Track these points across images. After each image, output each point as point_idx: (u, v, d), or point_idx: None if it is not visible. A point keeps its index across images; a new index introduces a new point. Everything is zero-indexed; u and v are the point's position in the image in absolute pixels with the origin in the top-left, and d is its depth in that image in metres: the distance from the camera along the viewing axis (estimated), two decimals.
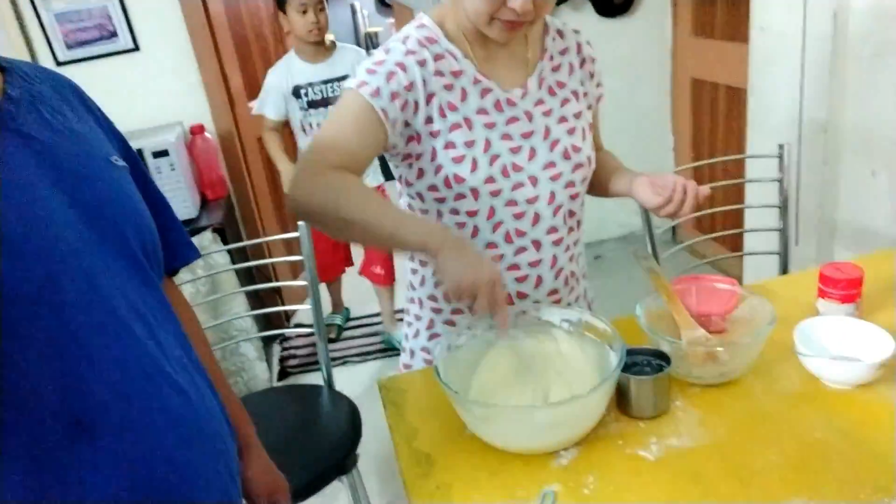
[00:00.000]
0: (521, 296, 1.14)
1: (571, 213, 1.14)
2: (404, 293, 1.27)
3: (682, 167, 1.98)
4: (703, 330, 1.05)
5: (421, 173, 1.07)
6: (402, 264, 1.26)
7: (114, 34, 2.44)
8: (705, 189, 1.06)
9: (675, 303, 1.09)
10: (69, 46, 2.42)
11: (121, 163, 0.76)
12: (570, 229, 1.15)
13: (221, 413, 0.81)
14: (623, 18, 3.02)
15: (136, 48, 2.48)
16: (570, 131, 1.12)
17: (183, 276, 2.20)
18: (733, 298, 1.11)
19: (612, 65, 3.03)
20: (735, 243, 2.65)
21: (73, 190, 0.66)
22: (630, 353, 0.97)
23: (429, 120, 1.04)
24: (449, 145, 1.04)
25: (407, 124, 1.03)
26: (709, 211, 1.84)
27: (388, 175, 2.18)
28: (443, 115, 1.04)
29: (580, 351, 0.99)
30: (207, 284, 2.31)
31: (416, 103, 1.03)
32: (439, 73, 1.04)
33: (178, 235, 0.88)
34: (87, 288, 0.64)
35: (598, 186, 1.23)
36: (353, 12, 5.01)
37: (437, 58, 1.04)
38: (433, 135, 1.04)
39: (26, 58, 2.40)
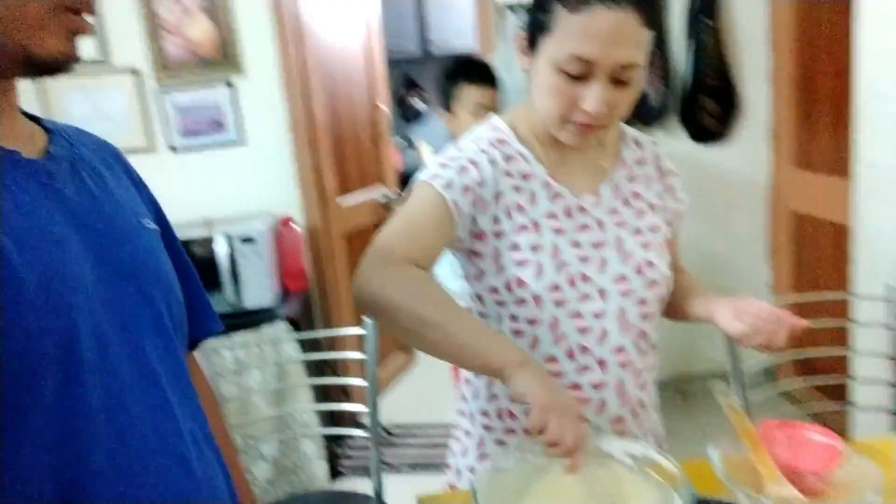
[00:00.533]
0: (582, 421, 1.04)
1: (643, 335, 1.05)
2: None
3: (779, 302, 1.83)
4: (793, 488, 0.90)
5: (482, 274, 1.03)
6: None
7: (223, 127, 2.62)
8: (802, 321, 0.94)
9: (759, 451, 0.95)
10: (183, 135, 2.62)
11: (152, 226, 0.77)
12: (642, 352, 1.05)
13: (230, 496, 0.77)
14: (718, 145, 2.96)
15: (241, 141, 2.65)
16: (646, 245, 1.05)
17: (251, 361, 2.21)
18: (833, 455, 0.96)
19: (704, 192, 2.96)
20: (840, 393, 2.40)
21: (102, 250, 0.67)
22: (700, 503, 0.84)
23: (496, 220, 1.01)
24: (514, 247, 1.00)
25: (475, 221, 1.01)
26: (810, 352, 1.67)
27: None
28: (510, 216, 1.01)
29: (642, 491, 0.87)
30: (275, 374, 2.31)
31: (486, 201, 1.00)
32: (508, 175, 1.02)
33: (203, 306, 0.88)
34: (101, 349, 0.63)
35: (675, 308, 1.13)
36: None
37: (508, 159, 1.03)
38: (498, 235, 1.01)
39: (144, 143, 2.61)
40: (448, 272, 1.13)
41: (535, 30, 0.95)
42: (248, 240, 2.27)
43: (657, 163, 1.12)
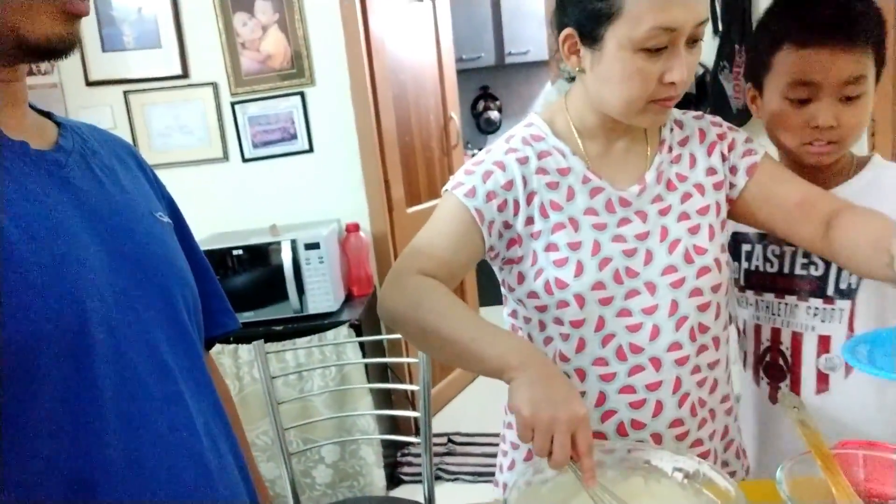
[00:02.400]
0: (637, 425, 0.96)
1: (703, 328, 0.97)
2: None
3: None
4: None
5: (521, 278, 0.98)
6: None
7: (294, 136, 2.69)
8: None
9: (833, 472, 0.84)
10: (255, 145, 2.70)
11: (165, 219, 0.76)
12: (703, 347, 0.97)
13: (246, 493, 0.75)
14: None
15: (311, 150, 2.70)
16: (693, 230, 0.97)
17: (313, 365, 2.23)
18: None
19: None
20: None
21: (114, 241, 0.66)
22: None
23: (529, 220, 0.96)
24: (551, 247, 0.95)
25: (507, 226, 0.96)
26: None
27: None
28: (545, 214, 0.96)
29: None
30: (337, 378, 2.32)
31: (517, 203, 0.96)
32: (542, 171, 0.97)
33: (219, 302, 0.87)
34: (112, 339, 0.62)
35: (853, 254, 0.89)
36: None
37: (542, 155, 0.98)
38: (534, 236, 0.96)
39: (220, 154, 2.71)
40: None
41: (595, 21, 0.88)
42: (312, 245, 2.30)
43: (703, 138, 1.02)
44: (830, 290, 1.07)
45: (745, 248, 1.16)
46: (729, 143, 1.02)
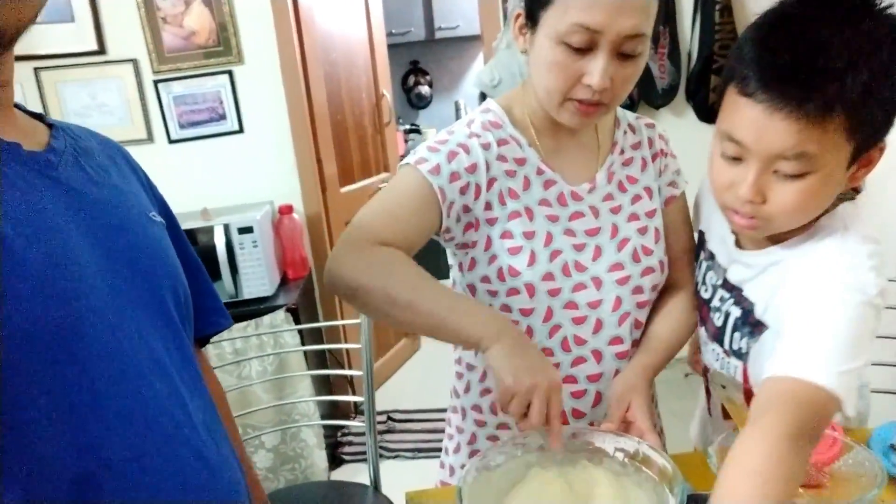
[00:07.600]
0: (578, 414, 1.01)
1: (639, 324, 1.02)
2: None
3: None
4: None
5: (474, 263, 0.99)
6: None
7: (223, 116, 2.60)
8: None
9: None
10: (182, 126, 2.60)
11: (158, 219, 0.76)
12: (638, 342, 1.02)
13: (245, 487, 0.77)
14: None
15: (241, 130, 2.63)
16: (642, 230, 1.01)
17: (251, 351, 2.20)
18: (834, 447, 0.92)
19: None
20: None
21: (107, 240, 0.66)
22: (695, 500, 0.80)
23: (488, 206, 0.97)
24: (506, 234, 0.96)
25: (467, 209, 0.96)
26: None
27: None
28: (502, 202, 0.97)
29: (633, 489, 0.84)
30: (275, 363, 2.30)
31: (478, 187, 0.96)
32: (502, 159, 0.98)
33: (212, 301, 0.87)
34: (109, 338, 0.62)
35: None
36: (457, 109, 5.18)
37: (501, 143, 0.98)
38: (490, 222, 0.97)
39: (142, 134, 2.60)
40: None
41: (535, 4, 0.90)
42: (245, 229, 2.26)
43: (651, 145, 1.07)
44: (726, 345, 0.97)
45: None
46: (665, 164, 1.07)
